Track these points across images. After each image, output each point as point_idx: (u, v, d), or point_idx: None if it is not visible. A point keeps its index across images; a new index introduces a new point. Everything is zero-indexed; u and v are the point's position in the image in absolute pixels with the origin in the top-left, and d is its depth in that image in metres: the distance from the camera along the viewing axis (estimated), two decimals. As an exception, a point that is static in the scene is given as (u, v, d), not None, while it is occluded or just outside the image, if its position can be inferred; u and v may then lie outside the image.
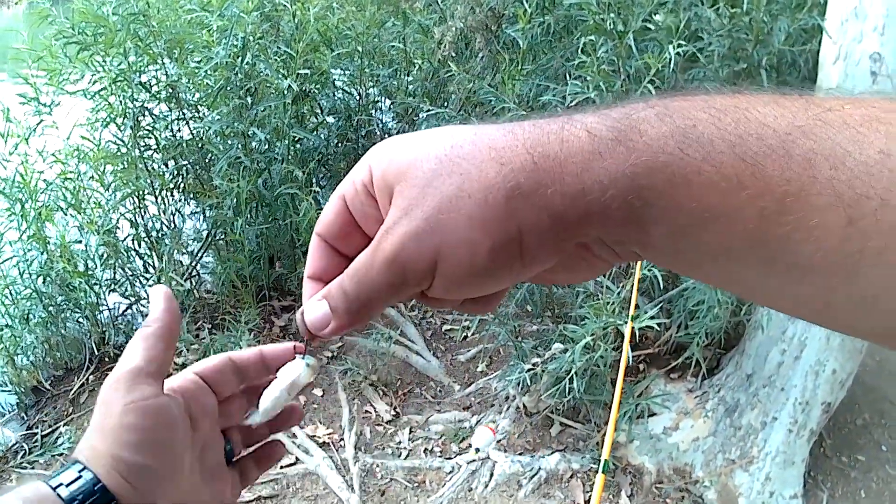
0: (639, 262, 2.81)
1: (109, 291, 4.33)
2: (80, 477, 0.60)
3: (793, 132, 0.44)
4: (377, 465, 3.55)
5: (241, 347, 3.84)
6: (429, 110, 4.38)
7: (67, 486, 0.59)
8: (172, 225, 4.62)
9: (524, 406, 3.80)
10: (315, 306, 0.60)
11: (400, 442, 3.73)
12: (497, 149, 0.52)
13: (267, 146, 4.21)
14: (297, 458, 3.53)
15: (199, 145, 4.44)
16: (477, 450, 3.48)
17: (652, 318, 3.04)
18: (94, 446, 0.61)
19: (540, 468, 3.50)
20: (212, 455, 0.71)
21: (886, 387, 4.38)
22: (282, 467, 3.46)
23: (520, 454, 3.58)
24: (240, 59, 3.92)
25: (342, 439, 3.68)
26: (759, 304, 0.53)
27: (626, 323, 2.92)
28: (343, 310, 0.58)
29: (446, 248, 0.51)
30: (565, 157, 0.49)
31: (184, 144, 4.42)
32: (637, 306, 3.13)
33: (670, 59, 3.16)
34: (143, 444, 0.61)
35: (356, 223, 0.61)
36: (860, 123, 0.42)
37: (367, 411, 3.89)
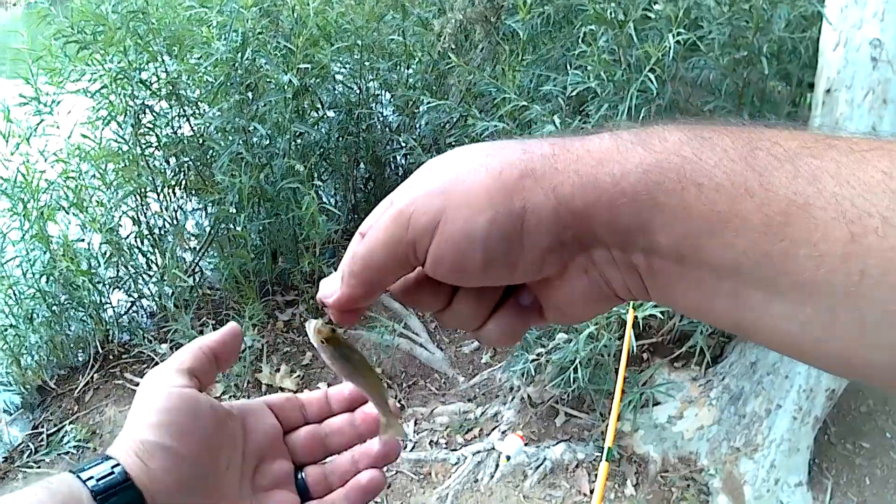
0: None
1: (113, 289, 4.34)
2: (101, 462, 0.60)
3: (801, 152, 0.45)
4: (383, 458, 3.55)
5: (245, 343, 3.85)
6: (429, 102, 4.37)
7: (89, 468, 0.60)
8: (175, 222, 4.62)
9: (529, 397, 3.80)
10: (328, 278, 0.62)
11: (405, 434, 3.73)
12: (524, 142, 0.54)
13: (268, 141, 4.21)
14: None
15: (201, 142, 4.44)
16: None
17: (655, 306, 3.04)
18: (121, 434, 0.62)
19: (545, 458, 3.50)
20: (270, 472, 0.71)
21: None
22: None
23: (525, 445, 3.58)
24: (240, 54, 3.92)
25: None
26: (761, 340, 0.50)
27: (628, 312, 2.92)
28: (348, 272, 0.58)
29: (451, 209, 0.52)
30: (584, 152, 0.51)
31: (185, 141, 4.42)
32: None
33: (670, 48, 3.15)
34: (161, 425, 0.62)
35: None
36: (865, 149, 0.44)
37: (371, 405, 3.90)
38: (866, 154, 0.43)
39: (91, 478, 0.59)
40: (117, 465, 0.60)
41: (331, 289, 0.61)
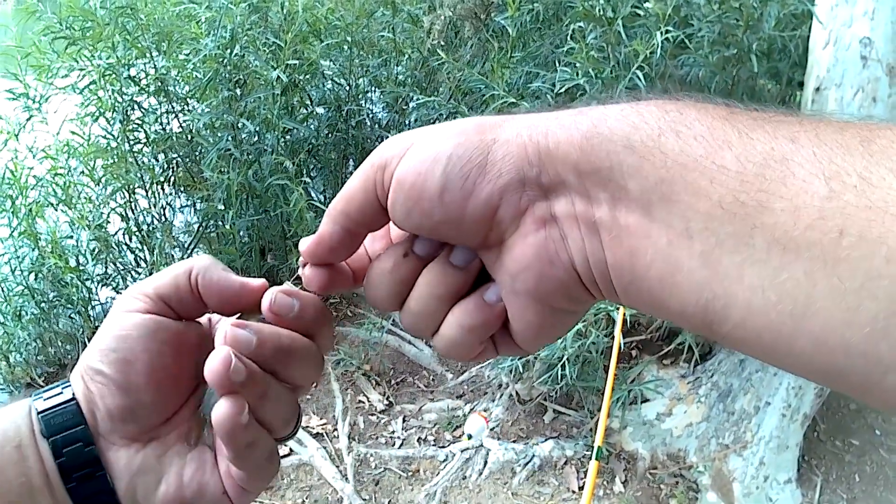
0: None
1: (101, 286, 4.33)
2: (59, 385, 0.60)
3: (780, 118, 0.45)
4: (371, 455, 3.55)
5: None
6: (419, 99, 4.37)
7: (48, 389, 0.60)
8: (163, 218, 4.61)
9: (517, 393, 3.80)
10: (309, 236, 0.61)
11: (393, 431, 3.73)
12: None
13: (257, 138, 4.20)
14: (290, 449, 3.53)
15: (189, 138, 4.44)
16: (469, 436, 3.49)
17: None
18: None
19: (534, 455, 3.50)
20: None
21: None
22: (276, 458, 3.46)
23: (513, 442, 3.58)
24: (228, 50, 3.91)
25: (336, 430, 3.69)
26: (733, 328, 0.45)
27: (617, 309, 2.92)
28: (325, 215, 0.59)
29: (421, 137, 0.53)
30: (567, 109, 0.51)
31: (173, 137, 4.41)
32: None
33: (659, 46, 3.15)
34: (104, 351, 0.59)
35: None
36: (844, 122, 0.43)
37: (360, 401, 3.90)
38: (844, 125, 0.43)
39: (40, 396, 0.59)
40: (67, 385, 0.59)
41: (307, 242, 0.60)
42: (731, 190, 0.42)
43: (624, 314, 2.90)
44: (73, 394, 0.59)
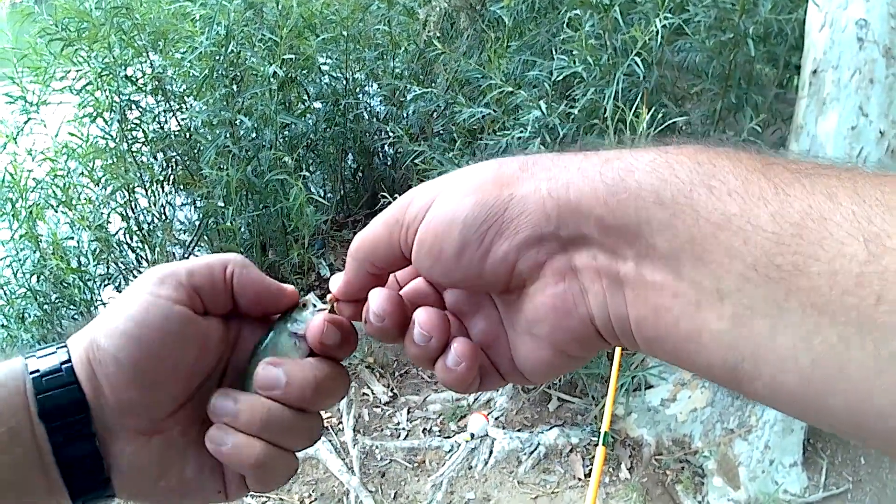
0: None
1: (104, 286, 4.32)
2: (54, 353, 0.57)
3: (818, 171, 0.43)
4: (376, 447, 3.56)
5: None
6: (416, 91, 4.37)
7: (39, 358, 0.57)
8: (164, 217, 4.61)
9: (522, 383, 3.80)
10: (338, 274, 0.62)
11: (398, 423, 3.74)
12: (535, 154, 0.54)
13: (255, 134, 4.21)
14: (296, 444, 3.54)
15: (187, 136, 4.44)
16: (472, 435, 3.49)
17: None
18: (90, 324, 0.58)
19: (539, 444, 3.51)
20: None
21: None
22: (282, 453, 3.47)
23: (518, 430, 3.59)
24: (224, 47, 3.91)
25: (340, 422, 3.69)
26: (761, 388, 0.43)
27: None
28: (349, 257, 0.59)
29: (443, 194, 0.53)
30: (591, 154, 0.50)
31: (172, 136, 4.42)
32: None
33: (658, 32, 3.15)
34: (118, 334, 0.56)
35: None
36: (883, 176, 0.42)
37: (364, 394, 3.90)
38: (885, 179, 0.41)
39: (37, 371, 0.56)
40: (68, 362, 0.56)
41: (337, 280, 0.61)
42: (766, 252, 0.41)
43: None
44: (75, 374, 0.56)
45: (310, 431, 0.62)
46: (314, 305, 0.63)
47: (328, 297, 0.63)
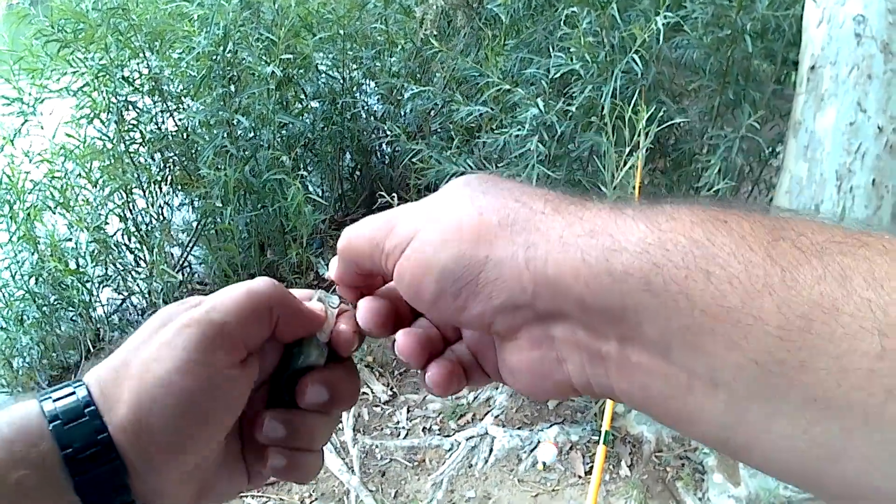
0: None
1: (102, 288, 4.33)
2: (86, 422, 0.51)
3: (830, 247, 0.39)
4: (376, 446, 3.55)
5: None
6: (413, 90, 4.37)
7: (68, 428, 0.50)
8: (162, 217, 4.61)
9: (522, 381, 3.80)
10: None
11: (398, 422, 3.74)
12: (525, 190, 0.51)
13: (252, 133, 4.20)
14: (296, 444, 3.53)
15: (185, 136, 4.44)
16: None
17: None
18: (118, 375, 0.53)
19: (539, 441, 3.51)
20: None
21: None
22: (281, 453, 3.47)
23: (518, 428, 3.58)
24: (221, 47, 3.90)
25: (340, 422, 3.69)
26: (754, 461, 0.42)
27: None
28: (338, 255, 0.59)
29: (424, 233, 0.51)
30: (576, 219, 0.47)
31: (169, 136, 4.42)
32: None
33: (659, 31, 3.14)
34: (175, 414, 0.52)
35: None
36: None
37: (364, 393, 3.90)
38: None
39: (70, 450, 0.49)
40: (102, 429, 0.50)
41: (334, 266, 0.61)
42: (768, 347, 0.38)
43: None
44: (110, 437, 0.51)
45: (334, 427, 0.64)
46: (331, 307, 0.63)
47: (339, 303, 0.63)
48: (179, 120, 4.44)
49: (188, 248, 4.68)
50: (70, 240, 4.07)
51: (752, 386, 0.39)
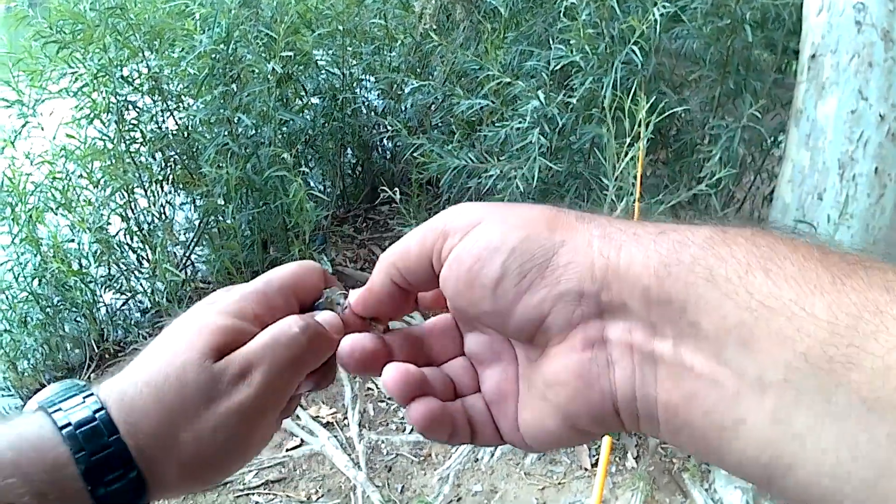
0: (635, 218, 2.78)
1: (105, 288, 4.33)
2: (98, 431, 0.51)
3: (873, 264, 0.41)
4: (382, 442, 3.56)
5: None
6: (413, 84, 4.36)
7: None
8: (164, 217, 4.60)
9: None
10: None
11: (403, 417, 3.73)
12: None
13: (253, 131, 4.20)
14: (301, 440, 3.53)
15: (185, 135, 4.43)
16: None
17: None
18: (164, 444, 0.53)
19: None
20: None
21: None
22: (287, 450, 3.47)
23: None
24: (225, 45, 3.90)
25: (346, 418, 3.69)
26: (794, 486, 0.40)
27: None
28: (377, 266, 0.59)
29: (490, 218, 0.51)
30: (648, 224, 0.48)
31: (170, 135, 4.40)
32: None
33: (657, 21, 3.13)
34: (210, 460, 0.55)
35: None
36: None
37: (369, 388, 3.90)
38: None
39: (83, 451, 0.50)
40: (120, 442, 0.51)
41: (358, 291, 0.61)
42: (819, 342, 0.39)
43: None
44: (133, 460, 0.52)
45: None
46: (339, 305, 0.65)
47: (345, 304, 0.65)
48: (180, 119, 4.44)
49: (191, 247, 4.68)
50: (72, 241, 4.06)
51: (800, 387, 0.39)
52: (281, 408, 0.61)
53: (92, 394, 0.54)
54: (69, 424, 0.51)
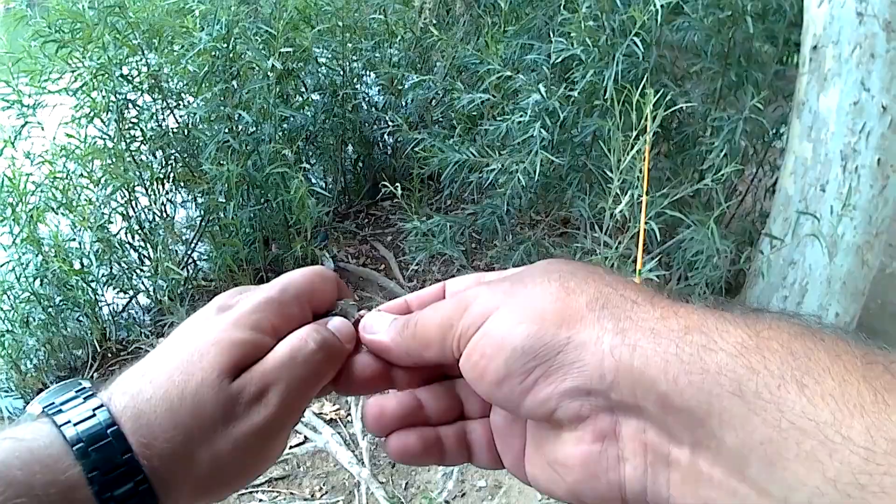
0: (642, 212, 2.76)
1: (107, 287, 4.32)
2: (106, 440, 0.49)
3: None
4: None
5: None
6: (414, 79, 4.35)
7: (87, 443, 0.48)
8: (165, 215, 4.59)
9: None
10: (378, 315, 0.62)
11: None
12: (617, 278, 0.50)
13: (254, 128, 4.19)
14: (305, 437, 3.53)
15: (186, 133, 4.42)
16: None
17: (650, 270, 3.01)
18: (177, 462, 0.52)
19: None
20: None
21: (891, 329, 4.37)
22: (291, 447, 3.46)
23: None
24: (226, 42, 3.89)
25: (349, 414, 3.69)
26: None
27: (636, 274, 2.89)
28: (400, 329, 0.58)
29: (504, 309, 0.50)
30: (671, 312, 0.45)
31: (170, 133, 4.39)
32: (636, 259, 3.11)
33: (657, 12, 3.12)
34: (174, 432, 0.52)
35: None
36: None
37: (372, 386, 3.89)
38: None
39: (95, 471, 0.47)
40: (133, 461, 0.49)
41: (377, 327, 0.60)
42: (852, 468, 0.35)
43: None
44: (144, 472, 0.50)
45: None
46: (351, 318, 0.65)
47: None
48: (180, 116, 4.43)
49: (192, 245, 4.68)
50: (74, 240, 4.06)
51: None
52: (296, 424, 0.61)
53: (102, 405, 0.51)
54: (81, 442, 0.48)
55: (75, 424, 0.49)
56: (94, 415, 0.50)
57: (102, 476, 0.48)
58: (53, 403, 0.52)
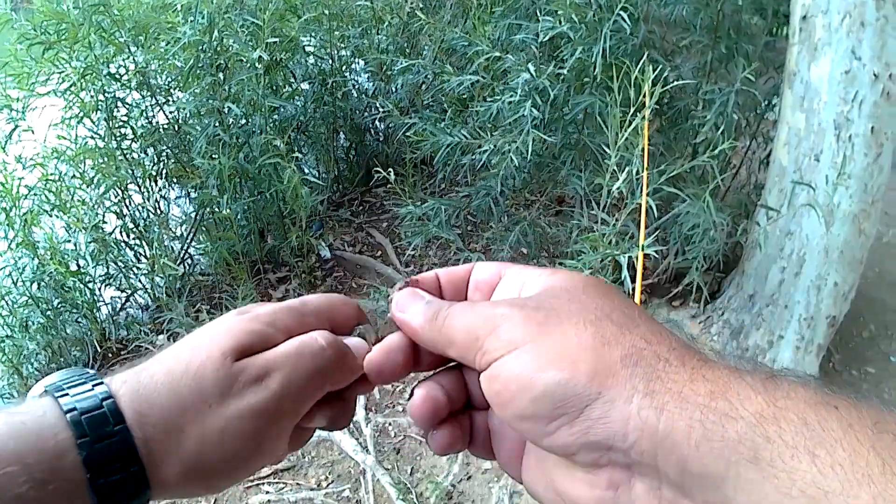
0: (643, 188, 2.76)
1: (104, 287, 4.32)
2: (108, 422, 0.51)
3: None
4: (389, 424, 3.56)
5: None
6: (403, 64, 4.34)
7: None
8: (159, 211, 4.59)
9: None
10: (412, 294, 0.62)
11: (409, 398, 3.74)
12: (652, 324, 0.51)
13: (244, 120, 4.18)
14: (310, 429, 3.54)
15: (176, 128, 4.41)
16: None
17: (648, 246, 3.01)
18: (168, 437, 0.53)
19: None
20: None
21: (889, 298, 4.39)
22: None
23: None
24: (208, 35, 3.86)
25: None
26: None
27: (622, 254, 2.88)
28: (431, 319, 0.58)
29: (534, 345, 0.49)
30: (699, 375, 0.46)
31: (160, 130, 4.38)
32: (632, 235, 3.11)
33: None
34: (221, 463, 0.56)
35: None
36: None
37: (375, 373, 3.90)
38: None
39: (87, 441, 0.50)
40: (125, 432, 0.51)
41: (409, 307, 0.60)
42: None
43: (631, 258, 2.86)
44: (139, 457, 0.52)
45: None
46: (369, 340, 0.66)
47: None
48: (170, 112, 4.41)
49: (188, 241, 4.67)
50: (69, 241, 4.05)
51: None
52: (295, 420, 0.60)
53: (101, 382, 0.54)
54: (74, 409, 0.51)
55: (73, 397, 0.52)
56: (91, 389, 0.53)
57: (93, 444, 0.50)
58: (56, 383, 0.54)
